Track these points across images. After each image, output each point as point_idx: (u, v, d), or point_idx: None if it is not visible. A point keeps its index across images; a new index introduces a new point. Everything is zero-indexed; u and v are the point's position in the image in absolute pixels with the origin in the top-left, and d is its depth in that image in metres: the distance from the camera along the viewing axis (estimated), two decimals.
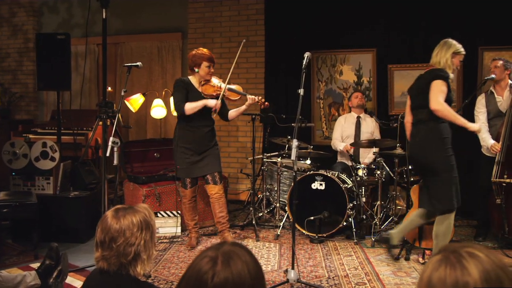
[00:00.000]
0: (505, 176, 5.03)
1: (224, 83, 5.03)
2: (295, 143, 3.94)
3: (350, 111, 6.56)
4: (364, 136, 6.26)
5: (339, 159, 6.43)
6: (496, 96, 5.40)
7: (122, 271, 2.07)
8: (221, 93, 4.95)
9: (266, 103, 4.96)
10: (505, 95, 5.34)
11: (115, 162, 4.31)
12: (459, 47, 4.43)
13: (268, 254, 5.08)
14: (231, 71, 5.04)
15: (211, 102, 4.93)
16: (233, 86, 5.11)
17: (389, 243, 4.67)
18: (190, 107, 4.95)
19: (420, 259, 4.79)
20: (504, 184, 5.04)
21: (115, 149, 4.29)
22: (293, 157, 3.92)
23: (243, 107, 5.10)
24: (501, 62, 5.36)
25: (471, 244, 1.29)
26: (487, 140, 5.33)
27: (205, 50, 5.12)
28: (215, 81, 5.13)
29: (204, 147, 5.09)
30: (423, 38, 6.69)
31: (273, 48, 7.35)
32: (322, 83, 7.15)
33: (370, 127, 6.36)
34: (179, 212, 5.79)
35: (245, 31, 7.49)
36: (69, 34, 6.07)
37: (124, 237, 2.04)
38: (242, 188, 7.64)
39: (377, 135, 6.36)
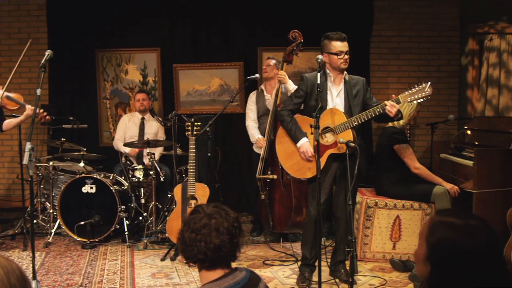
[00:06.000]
0: (269, 172, 5.20)
1: (2, 89, 4.66)
2: (28, 146, 3.69)
3: (136, 111, 6.44)
4: (148, 137, 6.17)
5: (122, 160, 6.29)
6: (265, 94, 5.60)
7: None
8: None
9: (48, 117, 4.67)
10: (273, 93, 5.55)
11: None
12: None
13: (29, 264, 4.77)
14: (10, 78, 4.65)
15: None
16: (11, 95, 4.75)
17: None
18: None
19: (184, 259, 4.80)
20: (268, 180, 5.21)
21: None
22: (25, 161, 3.67)
23: (20, 117, 4.86)
24: (273, 61, 5.58)
25: None
26: (255, 136, 5.54)
27: None
28: None
29: None
30: (206, 38, 6.80)
31: (57, 46, 6.89)
32: (108, 83, 6.93)
33: (154, 128, 6.30)
34: None
35: (27, 28, 7.00)
36: None
37: None
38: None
39: (161, 136, 6.32)
